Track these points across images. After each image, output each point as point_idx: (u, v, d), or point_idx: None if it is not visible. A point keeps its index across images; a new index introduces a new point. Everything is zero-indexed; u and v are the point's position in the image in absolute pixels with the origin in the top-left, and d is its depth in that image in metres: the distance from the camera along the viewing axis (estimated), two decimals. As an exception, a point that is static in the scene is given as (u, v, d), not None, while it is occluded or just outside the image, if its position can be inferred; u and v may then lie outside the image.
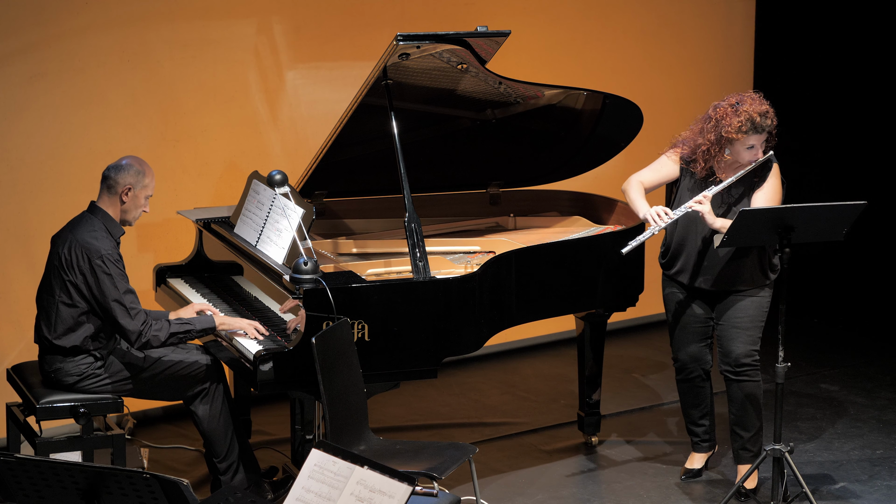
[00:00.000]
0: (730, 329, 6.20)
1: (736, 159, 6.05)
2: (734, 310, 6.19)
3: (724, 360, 6.26)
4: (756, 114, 5.96)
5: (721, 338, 6.25)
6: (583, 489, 6.48)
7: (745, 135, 5.97)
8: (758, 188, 6.10)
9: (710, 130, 6.06)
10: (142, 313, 5.73)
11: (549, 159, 6.99)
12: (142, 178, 5.83)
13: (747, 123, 5.95)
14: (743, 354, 6.19)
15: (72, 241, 5.77)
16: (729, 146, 6.03)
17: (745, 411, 6.25)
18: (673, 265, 6.30)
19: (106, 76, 6.89)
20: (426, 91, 6.41)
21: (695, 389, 6.44)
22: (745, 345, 6.19)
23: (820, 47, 8.72)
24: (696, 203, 6.03)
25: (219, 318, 5.85)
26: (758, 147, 6.02)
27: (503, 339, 7.49)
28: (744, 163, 6.05)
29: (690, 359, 6.37)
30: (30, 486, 4.31)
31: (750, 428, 6.28)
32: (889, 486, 6.45)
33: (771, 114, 6.02)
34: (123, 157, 5.88)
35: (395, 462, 5.33)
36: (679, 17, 8.56)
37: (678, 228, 6.25)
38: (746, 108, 5.97)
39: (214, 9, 7.12)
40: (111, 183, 5.83)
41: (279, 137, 7.39)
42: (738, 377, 6.22)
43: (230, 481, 5.97)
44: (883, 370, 7.95)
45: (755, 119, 5.95)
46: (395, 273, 6.14)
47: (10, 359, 6.66)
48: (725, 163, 6.08)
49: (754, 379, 6.22)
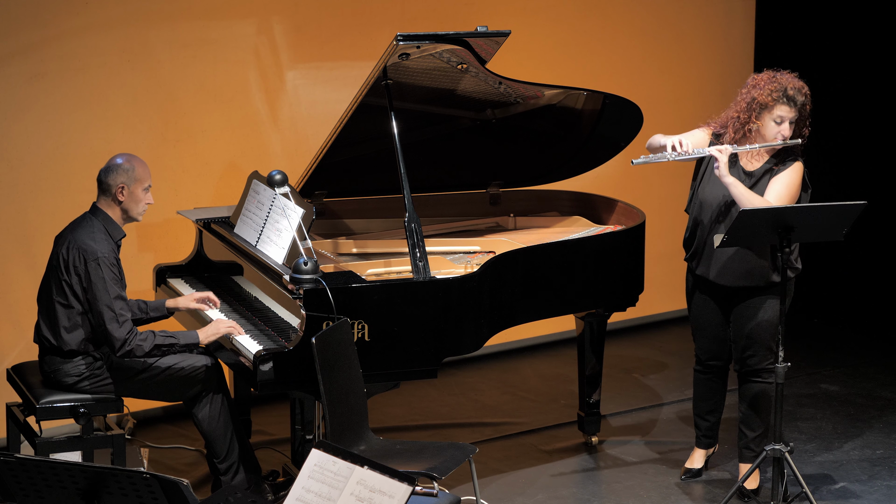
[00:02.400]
0: (745, 339, 6.19)
1: (763, 133, 6.03)
2: (749, 321, 6.16)
3: (737, 364, 6.27)
4: (790, 86, 5.99)
5: (737, 343, 6.24)
6: (583, 489, 6.48)
7: (775, 102, 5.97)
8: (776, 175, 6.10)
9: (744, 97, 6.07)
10: (129, 322, 5.73)
11: (549, 159, 6.99)
12: (133, 174, 5.83)
13: (779, 91, 5.97)
14: (757, 361, 6.21)
15: (70, 241, 5.77)
16: (758, 116, 6.01)
17: (754, 410, 6.26)
18: (689, 248, 6.27)
19: (106, 76, 6.89)
20: (426, 91, 6.41)
21: (709, 383, 6.44)
22: (759, 353, 6.19)
23: (820, 47, 8.71)
24: (715, 150, 5.98)
25: (202, 334, 5.86)
26: (786, 123, 5.99)
27: (503, 339, 7.50)
28: (769, 138, 6.02)
29: (709, 356, 6.40)
30: (30, 486, 4.31)
31: (756, 428, 6.29)
32: (889, 486, 6.45)
33: (806, 91, 6.02)
34: (113, 156, 5.87)
35: (395, 462, 5.33)
36: (679, 16, 8.56)
37: (696, 212, 6.21)
38: (782, 79, 6.02)
39: (214, 9, 7.12)
40: (105, 186, 5.84)
41: (279, 137, 7.39)
42: (752, 377, 6.23)
43: (231, 482, 5.98)
44: (883, 370, 7.95)
45: (788, 89, 5.97)
46: (395, 273, 6.14)
47: (10, 359, 6.66)
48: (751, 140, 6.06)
49: (767, 381, 6.22)
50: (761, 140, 6.05)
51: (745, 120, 6.05)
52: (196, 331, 5.87)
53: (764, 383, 6.23)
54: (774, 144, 6.03)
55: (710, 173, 6.15)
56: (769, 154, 6.13)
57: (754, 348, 6.19)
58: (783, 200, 6.02)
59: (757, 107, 6.02)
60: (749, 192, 6.00)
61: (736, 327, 6.23)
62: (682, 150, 6.02)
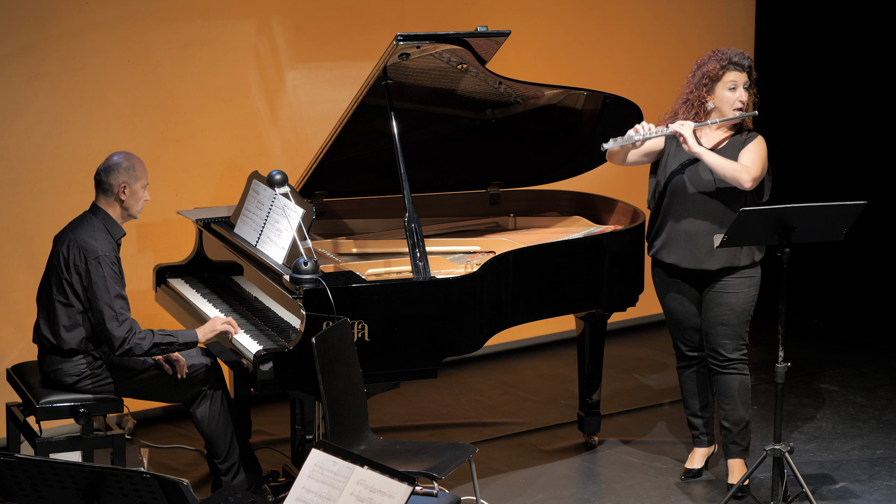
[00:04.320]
0: (716, 326, 6.22)
1: (719, 107, 6.11)
2: (720, 307, 6.20)
3: (711, 355, 6.27)
4: (733, 54, 6.14)
5: (708, 334, 6.26)
6: (583, 489, 6.48)
7: (724, 69, 6.08)
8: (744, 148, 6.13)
9: (691, 79, 6.21)
10: (129, 321, 5.73)
11: (549, 159, 6.99)
12: (134, 172, 5.83)
13: (725, 58, 6.11)
14: (731, 350, 6.21)
15: (71, 240, 5.77)
16: (710, 90, 6.11)
17: (734, 405, 6.26)
18: (655, 240, 6.30)
19: (106, 76, 6.89)
20: (426, 91, 6.41)
21: (695, 376, 6.44)
22: (732, 340, 6.21)
23: (820, 47, 8.72)
24: (678, 125, 6.10)
25: (201, 332, 5.84)
26: (740, 88, 6.09)
27: (503, 339, 7.50)
28: (727, 111, 6.10)
29: (689, 348, 6.40)
30: (30, 486, 4.31)
31: (738, 422, 6.29)
32: (889, 486, 6.45)
33: (749, 56, 6.17)
34: (110, 155, 5.87)
35: (395, 462, 5.33)
36: (679, 16, 8.57)
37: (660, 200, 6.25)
38: (724, 50, 6.18)
39: (214, 9, 7.12)
40: (105, 186, 5.83)
41: (279, 137, 7.39)
42: (727, 370, 6.24)
43: (231, 482, 5.98)
44: (883, 370, 7.95)
45: (732, 56, 6.11)
46: (395, 273, 6.14)
47: (10, 359, 6.66)
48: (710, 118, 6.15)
49: (742, 372, 6.24)
50: (719, 116, 6.12)
51: (695, 99, 6.17)
52: (195, 329, 5.87)
53: (739, 374, 6.24)
54: (734, 118, 6.13)
55: (671, 159, 6.21)
56: (729, 130, 6.18)
57: (728, 334, 6.19)
58: (756, 166, 6.06)
59: (707, 81, 6.15)
60: (722, 157, 6.08)
61: (707, 316, 6.24)
62: (644, 130, 6.15)
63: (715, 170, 6.04)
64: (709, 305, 6.24)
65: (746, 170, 6.03)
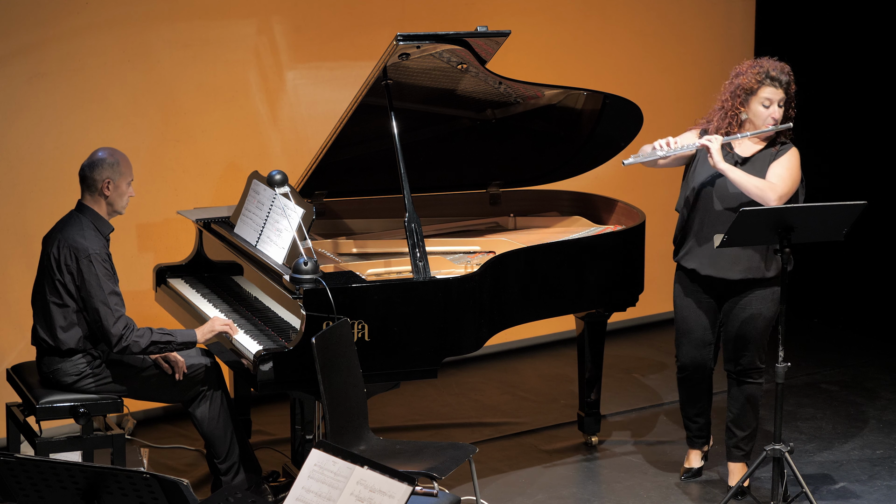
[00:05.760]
0: (738, 339, 6.19)
1: (752, 120, 6.03)
2: (745, 323, 6.15)
3: (728, 364, 6.26)
4: (773, 67, 6.01)
5: (727, 342, 6.23)
6: (583, 489, 6.48)
7: (760, 84, 5.97)
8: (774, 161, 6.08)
9: (728, 87, 6.09)
10: (124, 317, 5.72)
11: (549, 159, 6.99)
12: (118, 168, 5.82)
13: (763, 73, 5.98)
14: (749, 361, 6.20)
15: (60, 240, 5.76)
16: (744, 103, 6.02)
17: (744, 411, 6.26)
18: (680, 245, 6.25)
19: (106, 76, 6.89)
20: (426, 91, 6.41)
21: (694, 389, 6.43)
22: (752, 354, 6.19)
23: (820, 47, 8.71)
24: (705, 139, 6.00)
25: (200, 332, 5.84)
26: (774, 105, 5.99)
27: (503, 339, 7.50)
28: (759, 124, 6.02)
29: (693, 363, 6.36)
30: (30, 486, 4.31)
31: (746, 428, 6.29)
32: (889, 486, 6.45)
33: (788, 71, 6.04)
34: (94, 150, 5.86)
35: (395, 462, 5.33)
36: (679, 16, 8.57)
37: (688, 206, 6.20)
38: (764, 62, 6.05)
39: (214, 9, 7.12)
40: (90, 182, 5.82)
41: (279, 137, 7.39)
42: (742, 378, 6.23)
43: (231, 482, 5.97)
44: (883, 370, 7.95)
45: (770, 70, 5.99)
46: (395, 273, 6.14)
47: (10, 359, 6.66)
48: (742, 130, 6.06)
49: (757, 381, 6.23)
50: (752, 129, 6.06)
51: (730, 109, 6.06)
52: (194, 329, 5.87)
53: (755, 384, 6.23)
54: (765, 131, 6.04)
55: (700, 167, 6.15)
56: (763, 141, 6.12)
57: (748, 347, 6.18)
58: (785, 182, 5.99)
59: (742, 93, 6.03)
60: (747, 175, 5.99)
61: (728, 326, 6.22)
62: (669, 148, 6.05)
63: (739, 187, 5.97)
64: (732, 318, 6.20)
65: (772, 188, 5.96)
